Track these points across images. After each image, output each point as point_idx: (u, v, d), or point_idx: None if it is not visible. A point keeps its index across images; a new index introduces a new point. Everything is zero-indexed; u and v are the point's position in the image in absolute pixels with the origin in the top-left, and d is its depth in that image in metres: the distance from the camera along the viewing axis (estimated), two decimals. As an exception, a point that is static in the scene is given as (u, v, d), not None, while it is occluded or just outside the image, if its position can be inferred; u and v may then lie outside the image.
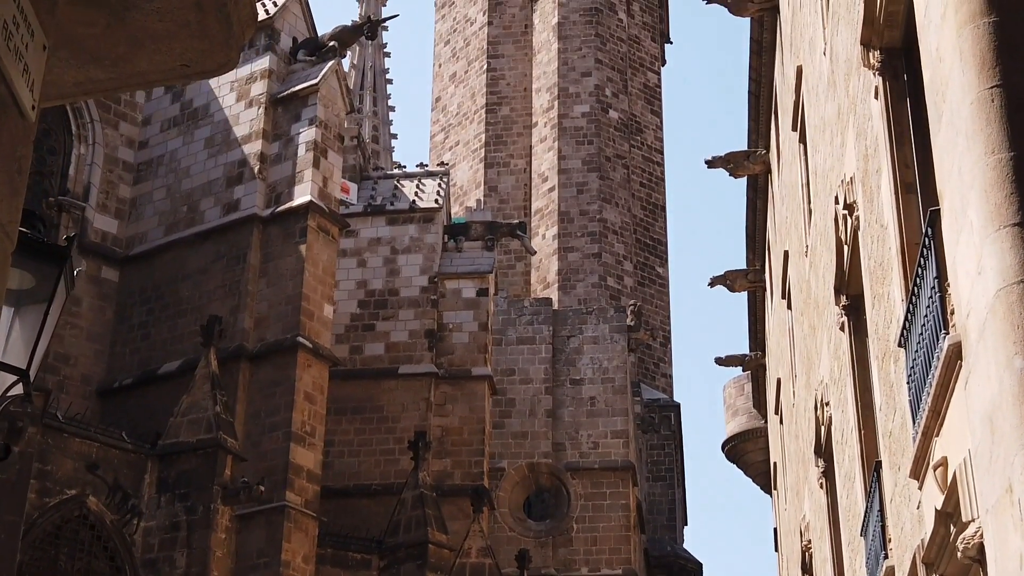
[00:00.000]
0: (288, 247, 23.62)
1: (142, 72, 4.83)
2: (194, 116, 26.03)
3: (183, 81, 4.94)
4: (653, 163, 46.86)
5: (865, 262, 10.90)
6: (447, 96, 49.08)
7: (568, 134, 44.47)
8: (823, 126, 13.94)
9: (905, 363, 8.60)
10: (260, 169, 24.52)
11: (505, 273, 42.20)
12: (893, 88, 9.60)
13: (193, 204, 25.21)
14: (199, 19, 4.60)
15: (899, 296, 9.07)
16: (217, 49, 4.74)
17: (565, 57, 45.54)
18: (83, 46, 4.66)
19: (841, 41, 11.76)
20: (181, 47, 4.69)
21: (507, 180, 45.48)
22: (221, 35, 4.66)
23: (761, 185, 24.33)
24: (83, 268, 24.86)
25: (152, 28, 4.61)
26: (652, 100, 47.88)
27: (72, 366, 24.29)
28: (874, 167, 10.03)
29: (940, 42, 7.24)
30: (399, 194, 31.00)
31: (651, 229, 45.66)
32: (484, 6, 48.27)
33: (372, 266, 30.16)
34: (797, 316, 18.81)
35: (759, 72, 22.03)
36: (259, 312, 23.53)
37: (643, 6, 48.91)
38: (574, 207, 43.43)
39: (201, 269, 24.31)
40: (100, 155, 25.70)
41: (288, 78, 25.44)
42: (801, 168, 16.97)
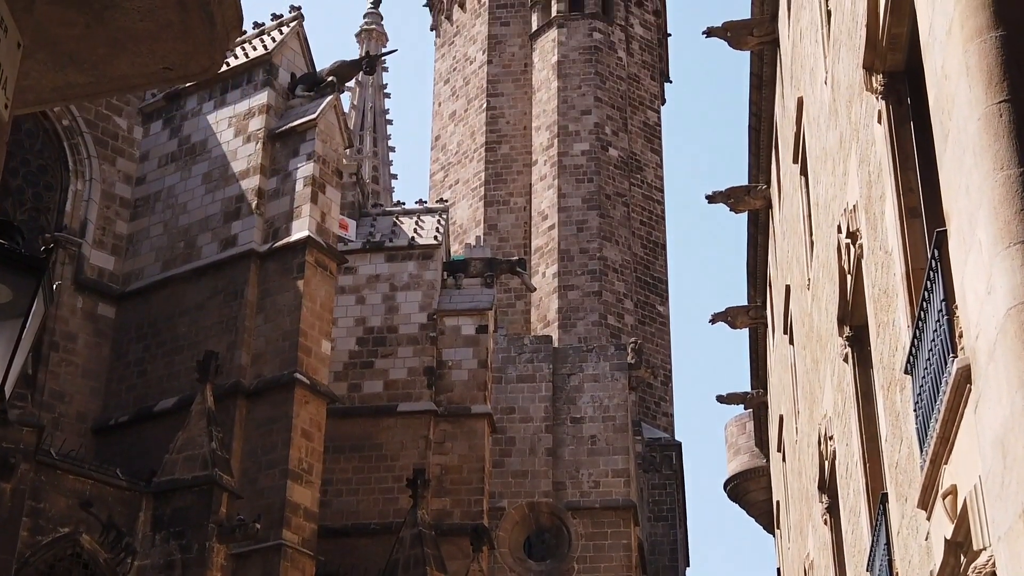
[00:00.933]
0: (286, 282, 23.47)
1: (123, 76, 4.67)
2: (192, 151, 25.94)
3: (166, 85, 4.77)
4: (653, 201, 46.80)
5: (869, 290, 10.75)
6: (447, 135, 49.09)
7: (568, 172, 44.44)
8: (824, 156, 13.83)
9: (912, 390, 8.44)
10: (258, 204, 24.40)
11: (505, 312, 42.04)
12: (896, 112, 9.48)
13: (190, 240, 25.07)
14: (182, 19, 4.44)
15: (905, 323, 8.92)
16: (201, 51, 4.58)
17: (565, 95, 45.57)
18: (62, 48, 4.49)
19: (843, 68, 11.67)
20: (163, 49, 4.53)
21: (507, 218, 45.40)
22: (205, 36, 4.50)
23: (762, 220, 24.25)
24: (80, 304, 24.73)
25: (133, 28, 4.45)
26: (652, 138, 47.89)
27: (67, 403, 24.07)
28: (877, 193, 9.90)
29: (946, 59, 7.11)
30: (398, 231, 30.89)
31: (651, 267, 45.54)
32: (484, 45, 48.36)
33: (371, 303, 30.01)
34: (799, 351, 18.67)
35: (759, 106, 21.99)
36: (256, 348, 23.34)
37: (642, 45, 49.00)
38: (574, 245, 43.32)
39: (198, 305, 24.14)
40: (97, 191, 25.59)
41: (286, 113, 25.37)
42: (802, 200, 16.88)
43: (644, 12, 49.61)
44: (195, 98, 26.45)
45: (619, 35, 47.51)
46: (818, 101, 14.16)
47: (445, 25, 51.17)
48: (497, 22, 48.63)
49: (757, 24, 20.29)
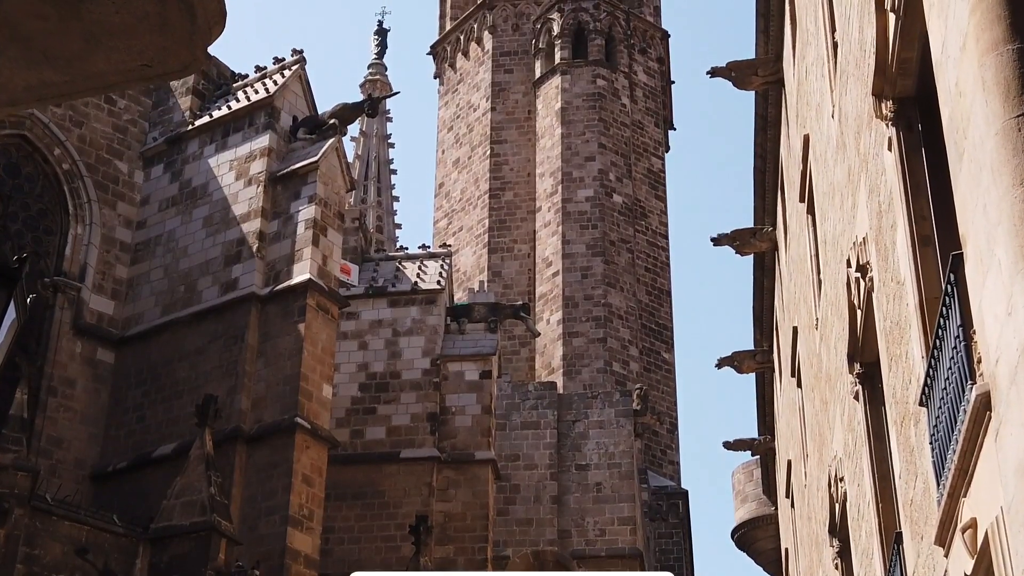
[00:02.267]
0: (287, 326, 23.25)
1: (100, 73, 4.42)
2: (193, 195, 25.81)
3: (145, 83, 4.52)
4: (658, 248, 46.61)
5: (880, 323, 10.52)
6: (450, 182, 49.03)
7: (572, 218, 44.28)
8: (832, 192, 13.65)
9: (928, 423, 8.19)
10: (259, 248, 24.23)
11: (509, 359, 41.79)
12: (907, 139, 9.29)
13: (191, 284, 24.88)
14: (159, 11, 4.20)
15: (919, 353, 8.69)
16: (180, 47, 4.34)
17: (568, 142, 45.50)
18: (34, 43, 4.26)
19: (851, 100, 11.49)
20: (141, 44, 4.30)
21: (511, 265, 45.22)
22: (184, 30, 4.27)
23: (768, 263, 24.09)
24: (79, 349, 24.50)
25: (109, 22, 4.21)
26: (656, 185, 47.79)
27: (65, 450, 23.80)
28: (888, 223, 9.69)
29: (960, 76, 6.93)
30: (401, 276, 30.72)
31: (656, 314, 45.29)
32: (487, 92, 48.38)
33: (373, 348, 29.78)
34: (807, 393, 18.44)
35: (764, 147, 21.86)
36: (256, 393, 23.09)
37: (646, 92, 48.99)
38: (578, 292, 43.10)
39: (198, 350, 23.91)
40: (97, 235, 25.44)
41: (288, 156, 25.24)
42: (809, 239, 16.71)
43: (647, 59, 49.63)
44: (196, 142, 26.37)
45: (623, 82, 47.52)
46: (825, 137, 14.00)
47: (449, 73, 51.24)
48: (501, 69, 48.67)
49: (761, 64, 20.19)
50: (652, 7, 51.17)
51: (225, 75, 27.68)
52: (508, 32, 49.29)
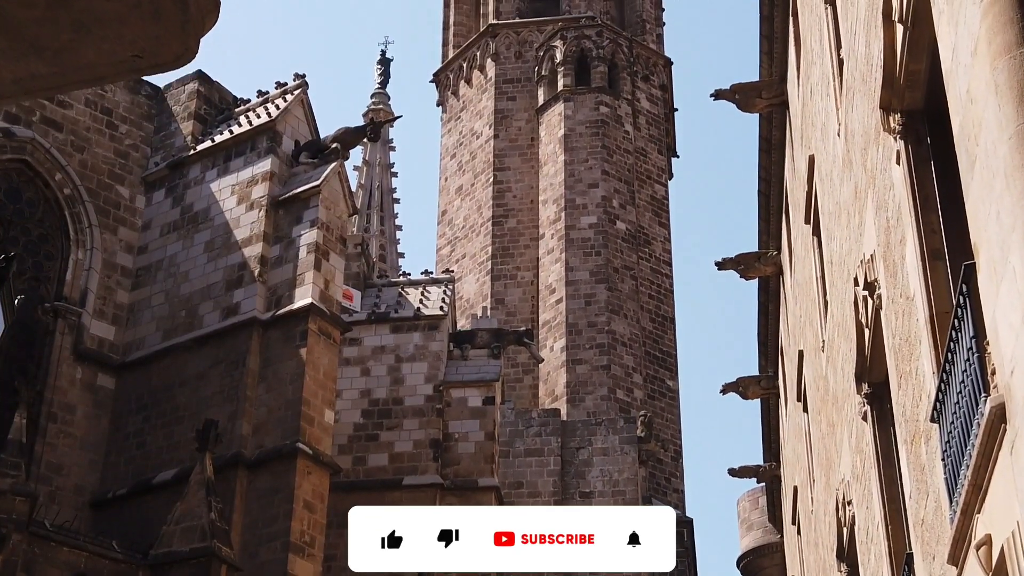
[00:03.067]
0: (288, 351, 23.11)
1: (90, 65, 4.29)
2: (194, 220, 25.72)
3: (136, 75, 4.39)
4: (661, 275, 46.49)
5: (889, 341, 10.38)
6: (453, 209, 48.97)
7: (575, 245, 44.18)
8: (838, 211, 13.55)
9: (939, 439, 8.05)
10: (260, 272, 24.12)
11: (512, 387, 41.61)
12: (916, 152, 9.18)
13: (192, 309, 24.76)
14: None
15: (930, 369, 8.56)
16: (173, 37, 4.21)
17: (572, 169, 45.45)
18: (22, 33, 4.13)
19: (857, 116, 11.40)
20: (132, 33, 4.17)
21: (514, 292, 45.08)
22: (177, 19, 4.14)
23: (773, 287, 24.01)
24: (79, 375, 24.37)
25: (99, 9, 4.08)
26: (659, 212, 47.72)
27: (65, 476, 23.62)
28: (897, 238, 9.57)
29: (971, 81, 6.82)
30: (403, 302, 30.61)
31: (660, 341, 45.13)
32: (490, 120, 48.36)
33: (376, 375, 29.62)
34: (814, 416, 18.32)
35: (768, 170, 21.79)
36: (258, 418, 22.93)
37: (649, 119, 48.99)
38: (582, 319, 42.95)
39: (199, 375, 23.77)
40: (98, 260, 25.34)
41: (290, 180, 25.17)
42: (815, 261, 16.61)
43: (651, 87, 49.65)
44: (198, 166, 26.31)
45: (626, 109, 47.51)
46: (831, 156, 13.91)
47: (451, 101, 51.26)
48: (503, 97, 48.67)
49: (765, 86, 20.15)
50: (655, 35, 51.23)
51: (227, 100, 27.64)
52: (511, 59, 49.32)
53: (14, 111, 25.15)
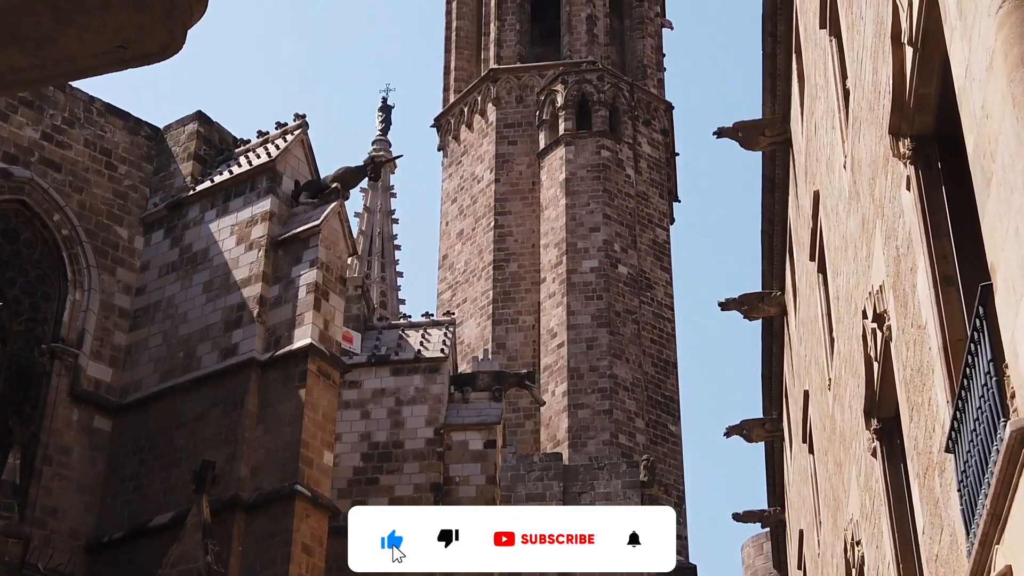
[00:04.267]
0: (287, 392, 22.85)
1: (72, 56, 4.08)
2: (193, 260, 25.53)
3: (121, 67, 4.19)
4: (664, 319, 46.30)
5: (900, 373, 10.19)
6: (454, 254, 48.84)
7: (577, 289, 44.01)
8: (845, 245, 13.40)
9: (955, 469, 7.83)
10: (259, 312, 23.90)
11: (514, 431, 41.32)
12: (927, 177, 9.01)
13: (190, 350, 24.53)
14: (135, -17, 3.88)
15: (944, 398, 8.35)
16: (158, 25, 4.01)
17: (573, 212, 45.38)
18: (0, 23, 3.92)
19: (864, 146, 11.26)
20: (115, 22, 3.96)
21: (515, 337, 44.88)
22: (162, 6, 3.94)
23: (776, 328, 23.84)
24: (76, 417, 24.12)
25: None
26: (661, 256, 47.59)
27: (60, 519, 23.29)
28: (907, 266, 9.39)
29: (986, 97, 6.65)
30: (404, 344, 30.38)
31: (663, 386, 44.88)
32: (491, 164, 48.35)
33: (376, 418, 29.35)
34: (820, 457, 18.10)
35: (771, 210, 21.67)
36: (256, 460, 22.64)
37: (650, 163, 48.97)
38: (584, 363, 42.72)
39: (197, 416, 23.50)
40: (96, 301, 25.13)
41: (290, 220, 25.01)
42: (820, 299, 16.47)
43: (652, 131, 49.67)
44: (197, 207, 26.16)
45: (627, 153, 47.50)
46: (836, 190, 13.78)
47: (452, 145, 51.27)
48: (504, 141, 48.67)
49: (768, 124, 20.04)
50: (656, 79, 51.31)
51: (227, 141, 27.54)
52: (512, 104, 49.36)
53: (12, 152, 25.07)
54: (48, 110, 25.89)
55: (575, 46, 49.79)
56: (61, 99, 26.17)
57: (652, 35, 52.10)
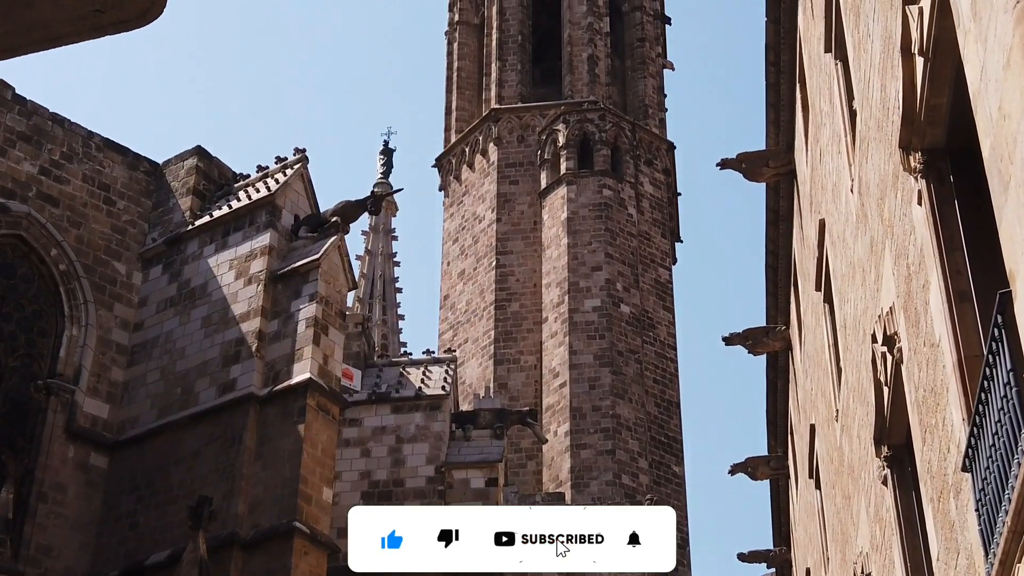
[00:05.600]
0: (286, 427, 22.57)
1: (46, 23, 3.84)
2: (191, 295, 25.31)
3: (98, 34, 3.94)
4: (666, 359, 46.01)
5: (911, 396, 9.97)
6: (456, 294, 48.63)
7: (579, 329, 43.77)
8: (852, 271, 13.23)
9: (972, 488, 7.59)
10: (258, 347, 23.66)
11: (516, 472, 40.94)
12: (939, 191, 8.81)
13: (188, 386, 24.26)
14: (111, -58, 3.65)
15: (959, 416, 8.12)
16: (137, -13, 3.77)
17: (575, 252, 45.20)
18: (-34, -15, 3.69)
19: (872, 166, 11.08)
20: (92, -17, 3.73)
21: (517, 377, 44.59)
22: (141, -34, 3.71)
23: (781, 364, 23.66)
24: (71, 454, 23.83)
25: (53, -43, 3.66)
26: (664, 296, 47.36)
27: (55, 558, 22.94)
28: (919, 284, 9.18)
29: (1004, 96, 6.46)
30: (405, 381, 30.11)
31: (666, 427, 44.54)
32: (493, 203, 48.22)
33: (376, 456, 29.03)
34: (827, 491, 17.86)
35: (776, 242, 21.52)
36: (254, 496, 22.32)
37: (652, 203, 48.84)
38: (586, 403, 42.42)
39: (194, 453, 23.21)
40: (93, 337, 24.89)
41: (289, 255, 24.82)
42: (827, 329, 16.29)
43: (654, 171, 49.58)
44: (196, 242, 25.97)
45: (629, 192, 47.39)
46: (843, 215, 13.62)
47: (454, 185, 51.19)
48: (506, 181, 48.58)
49: (772, 155, 19.91)
50: (657, 119, 51.29)
51: (226, 176, 27.40)
52: (513, 144, 49.31)
53: (9, 186, 24.92)
54: (47, 145, 25.76)
55: (576, 86, 49.79)
56: (60, 134, 26.06)
57: (653, 75, 52.12)
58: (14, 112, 25.54)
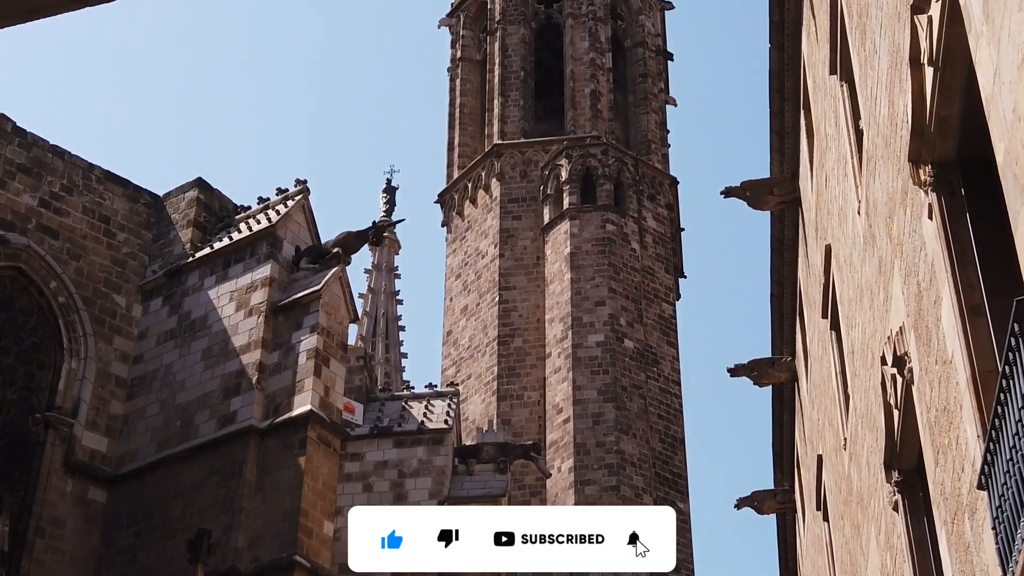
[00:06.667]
0: (286, 460, 22.31)
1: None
2: (192, 328, 25.11)
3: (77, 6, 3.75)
4: (671, 395, 45.69)
5: (923, 417, 9.77)
6: (458, 330, 48.40)
7: (583, 364, 43.49)
8: (859, 295, 13.07)
9: (989, 505, 7.38)
10: (258, 379, 23.44)
11: (519, 509, 40.56)
12: (950, 204, 8.64)
13: (187, 418, 24.03)
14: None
15: (973, 433, 7.93)
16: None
17: (578, 287, 44.97)
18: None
19: (880, 184, 10.93)
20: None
21: (520, 413, 44.28)
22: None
23: (787, 396, 23.47)
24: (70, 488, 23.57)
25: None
26: (667, 332, 47.09)
27: (53, 594, 22.68)
28: (930, 300, 9.00)
29: (1018, 97, 6.31)
30: (407, 415, 29.87)
31: (670, 463, 44.17)
32: (495, 239, 48.08)
33: (378, 491, 28.74)
34: (836, 522, 17.64)
35: (780, 272, 21.38)
36: (254, 530, 22.03)
37: (656, 238, 48.67)
38: (590, 439, 42.07)
39: (194, 486, 22.94)
40: (92, 370, 24.68)
41: (290, 286, 24.63)
42: (834, 357, 16.13)
43: (657, 206, 49.45)
44: (196, 273, 25.80)
45: (632, 227, 47.24)
46: (850, 239, 13.47)
47: (456, 221, 51.07)
48: (509, 216, 48.43)
49: (777, 183, 19.79)
50: (660, 154, 51.20)
51: (227, 208, 27.26)
52: (516, 179, 49.22)
53: (9, 218, 24.79)
54: (47, 177, 25.65)
55: (579, 121, 49.74)
56: (60, 166, 25.94)
57: (656, 111, 52.08)
58: (14, 144, 25.44)
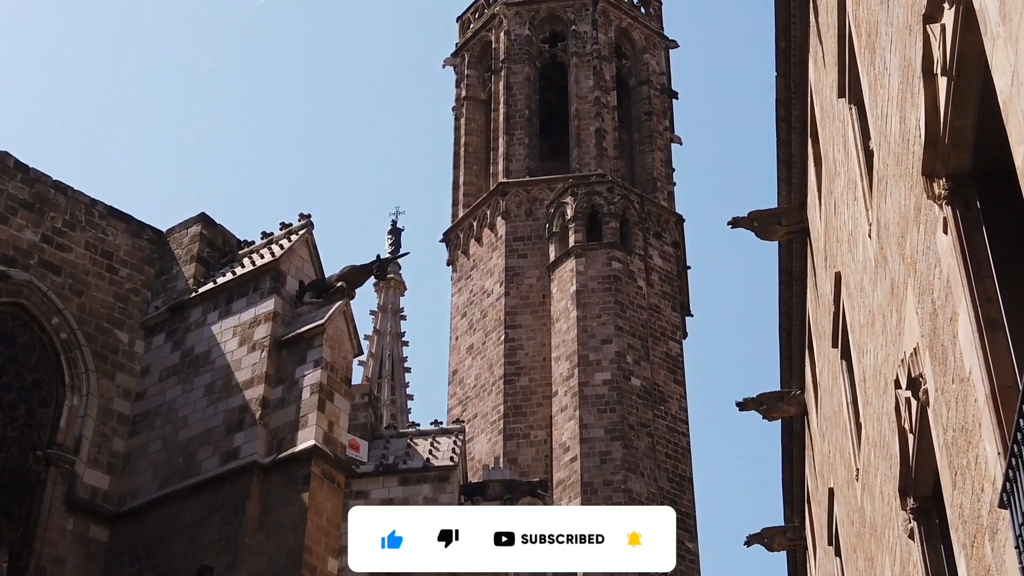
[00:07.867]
0: (290, 496, 22.03)
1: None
2: (194, 363, 24.90)
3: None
4: (678, 434, 45.41)
5: (939, 439, 9.54)
6: (464, 368, 48.20)
7: (589, 402, 43.23)
8: (871, 320, 12.87)
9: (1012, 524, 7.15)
10: (262, 415, 23.21)
11: (526, 549, 40.18)
12: (965, 217, 8.44)
13: (190, 454, 23.76)
14: None
15: (993, 451, 7.70)
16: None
17: (584, 325, 44.79)
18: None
19: (892, 204, 10.74)
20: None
21: (527, 452, 44.01)
22: None
23: (797, 430, 23.26)
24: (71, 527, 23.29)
25: None
26: (674, 370, 46.86)
27: (51, 635, 22.35)
28: (946, 317, 8.79)
29: (1038, 98, 6.10)
30: (412, 453, 29.57)
31: (678, 502, 43.80)
32: (501, 277, 47.96)
33: (383, 529, 28.41)
34: (848, 555, 17.38)
35: (789, 304, 21.21)
36: (257, 567, 21.72)
37: (662, 276, 48.53)
38: (597, 477, 41.76)
39: (196, 523, 22.64)
40: (94, 406, 24.44)
41: (294, 320, 24.45)
42: (844, 387, 15.93)
43: (663, 244, 49.34)
44: (199, 309, 25.61)
45: (638, 265, 47.10)
46: (860, 264, 13.29)
47: (461, 259, 50.99)
48: (514, 255, 48.34)
49: (785, 213, 19.66)
50: (666, 192, 51.15)
51: (230, 243, 27.11)
52: (521, 217, 49.17)
53: (11, 254, 24.63)
54: (49, 212, 25.51)
55: (584, 159, 49.72)
56: (62, 201, 25.82)
57: (661, 148, 52.08)
58: (16, 180, 25.32)
